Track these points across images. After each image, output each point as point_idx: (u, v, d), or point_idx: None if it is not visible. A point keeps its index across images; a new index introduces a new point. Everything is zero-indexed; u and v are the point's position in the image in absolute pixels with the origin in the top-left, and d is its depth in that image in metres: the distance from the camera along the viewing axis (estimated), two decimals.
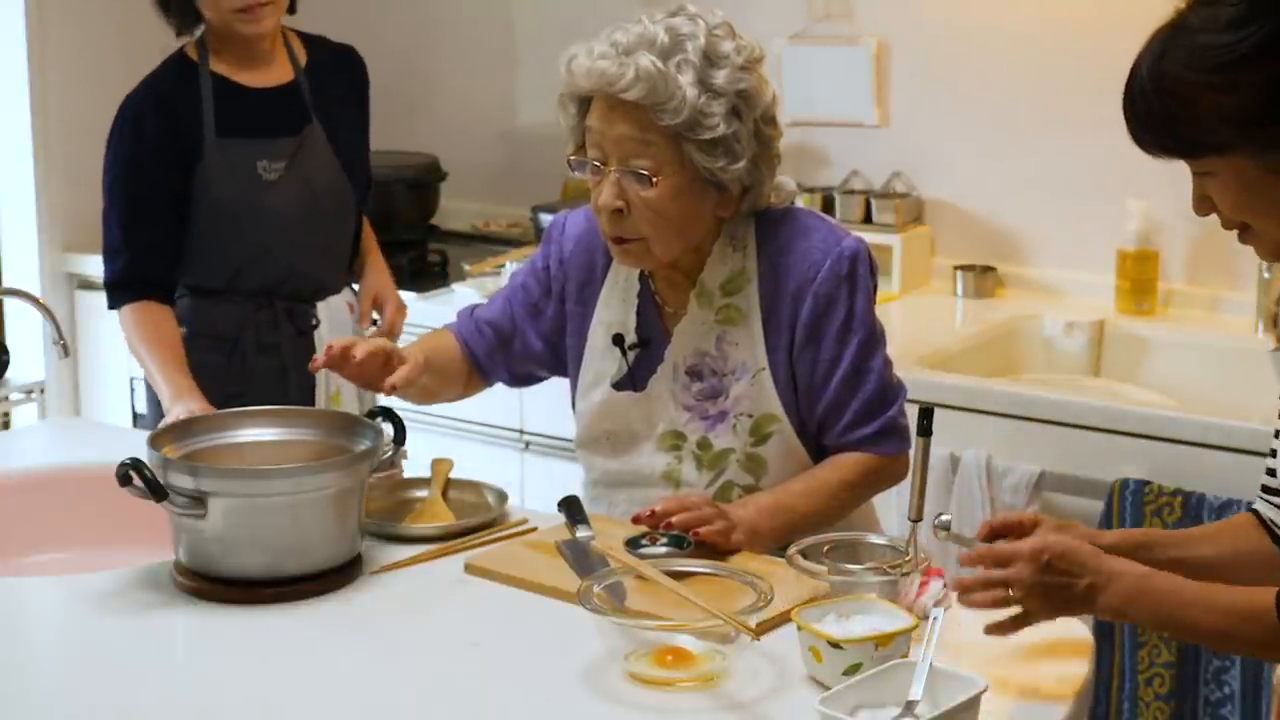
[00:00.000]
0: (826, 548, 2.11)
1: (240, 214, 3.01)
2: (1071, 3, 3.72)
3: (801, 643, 1.92)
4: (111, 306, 3.04)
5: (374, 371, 2.36)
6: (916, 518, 2.07)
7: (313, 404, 3.08)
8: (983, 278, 3.86)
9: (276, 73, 3.10)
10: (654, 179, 2.25)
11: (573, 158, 2.33)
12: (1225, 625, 1.83)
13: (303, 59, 3.14)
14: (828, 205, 3.94)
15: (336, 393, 3.15)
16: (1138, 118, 1.82)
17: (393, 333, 3.19)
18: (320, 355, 2.34)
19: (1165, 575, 1.87)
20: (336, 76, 3.17)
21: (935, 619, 1.86)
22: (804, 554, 2.11)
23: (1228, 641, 1.91)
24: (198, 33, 3.08)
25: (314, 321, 3.13)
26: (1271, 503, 2.02)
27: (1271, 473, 2.01)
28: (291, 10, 3.10)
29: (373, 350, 2.36)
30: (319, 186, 3.09)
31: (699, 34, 2.25)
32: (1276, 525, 2.02)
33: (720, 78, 2.24)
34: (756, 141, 2.28)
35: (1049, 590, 1.87)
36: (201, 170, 3.00)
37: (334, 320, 3.17)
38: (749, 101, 2.26)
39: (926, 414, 2.06)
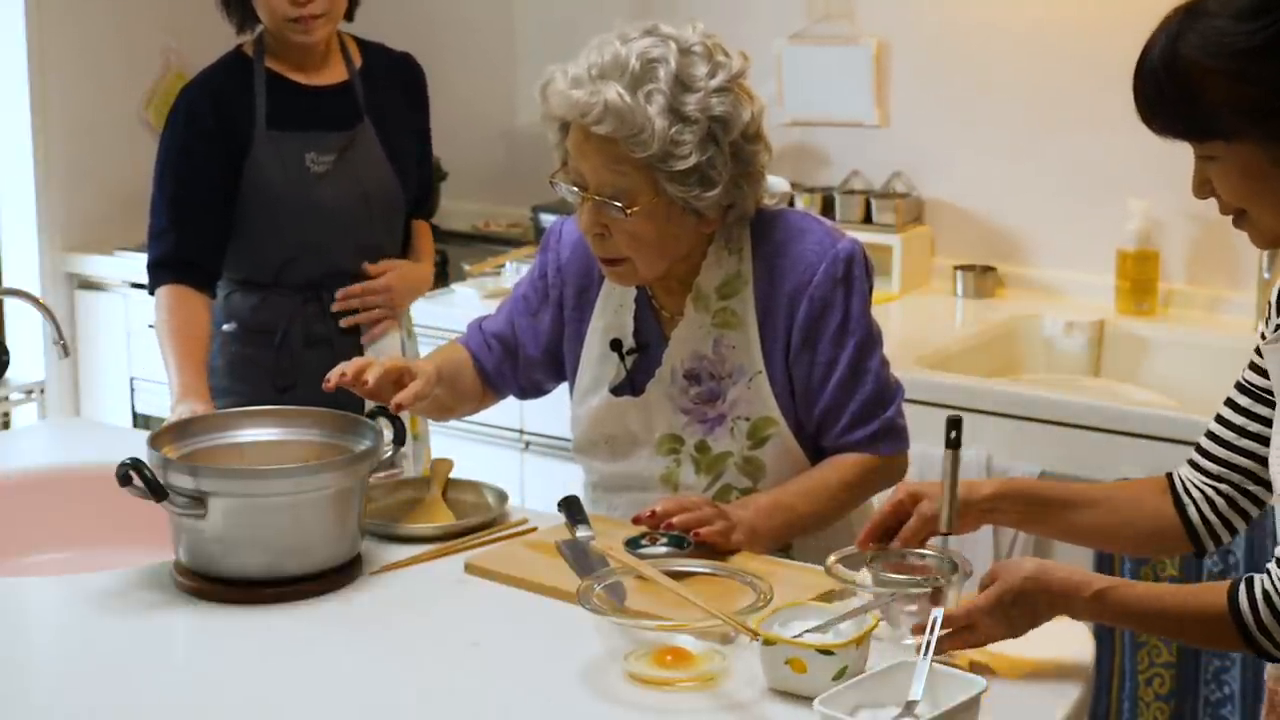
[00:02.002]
0: (870, 557, 2.06)
1: (288, 205, 3.04)
2: (1071, 2, 3.73)
3: (772, 659, 1.88)
4: (151, 288, 3.04)
5: (387, 390, 2.36)
6: (948, 531, 2.03)
7: (362, 399, 3.11)
8: (983, 278, 3.86)
9: (331, 73, 3.13)
10: (628, 210, 2.24)
11: (554, 179, 2.32)
12: (1182, 633, 1.94)
13: (358, 62, 3.17)
14: (828, 205, 3.94)
15: None
16: (1147, 97, 1.83)
17: (373, 290, 3.15)
18: (332, 377, 2.34)
19: (1120, 589, 1.91)
20: (391, 81, 3.20)
21: (936, 619, 1.86)
22: (844, 563, 2.06)
23: (1189, 642, 2.03)
24: (256, 31, 3.11)
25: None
26: (1198, 465, 2.06)
27: (1210, 434, 2.06)
28: (349, 18, 3.12)
29: (386, 370, 2.35)
30: (368, 184, 3.11)
31: (670, 58, 2.21)
32: (1189, 490, 2.06)
33: (692, 103, 2.20)
34: (735, 161, 2.25)
35: (1013, 623, 1.92)
36: (251, 161, 3.03)
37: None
38: (725, 125, 2.23)
39: (955, 425, 2.02)
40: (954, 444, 2.02)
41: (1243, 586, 1.84)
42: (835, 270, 2.31)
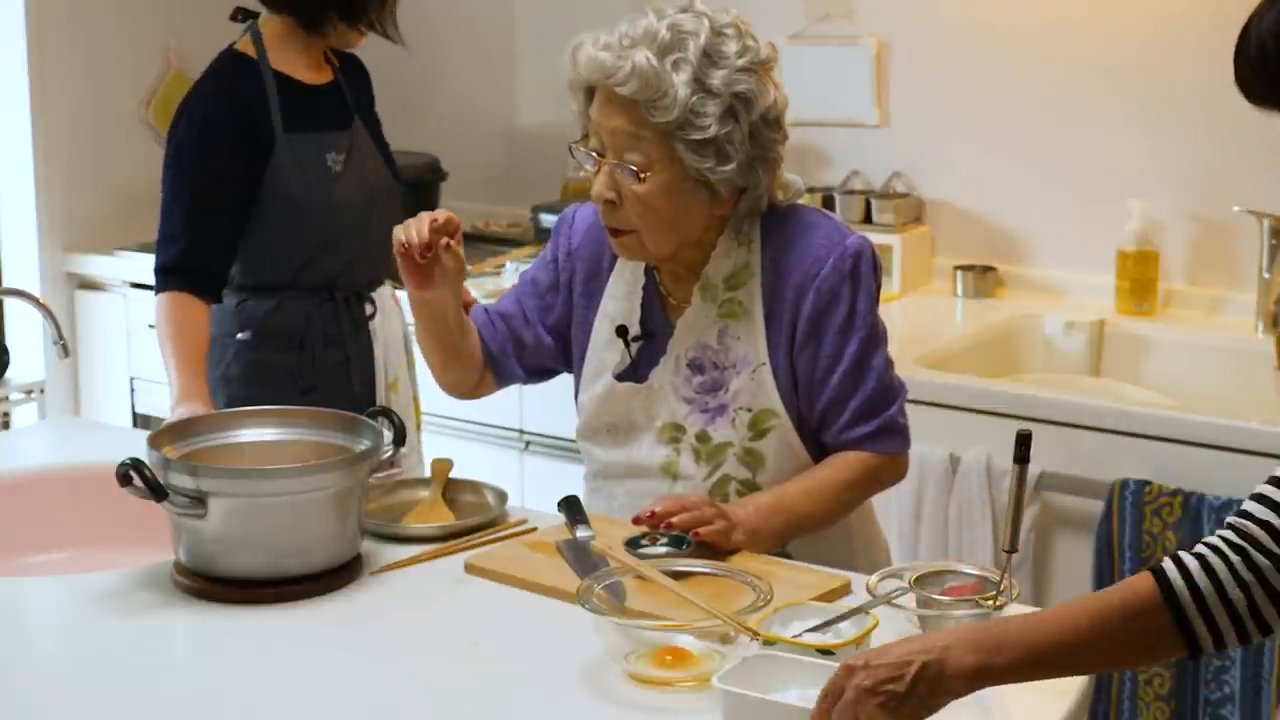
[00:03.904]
0: (914, 577, 2.03)
1: (309, 206, 3.04)
2: (1072, 3, 3.73)
3: None
4: (158, 291, 3.02)
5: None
6: (1010, 548, 1.97)
7: (374, 393, 3.12)
8: (983, 278, 3.86)
9: (323, 73, 3.14)
10: (643, 174, 2.26)
11: (574, 145, 2.34)
12: (1106, 630, 1.69)
13: (335, 64, 3.19)
14: (828, 205, 3.94)
15: (394, 381, 3.19)
16: (1265, 71, 1.74)
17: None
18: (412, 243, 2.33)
19: (1008, 617, 1.76)
20: (359, 80, 3.23)
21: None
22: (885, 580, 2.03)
23: (1116, 651, 1.73)
24: (249, 29, 3.10)
25: (370, 312, 3.15)
26: None
27: None
28: None
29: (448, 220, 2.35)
30: (373, 181, 3.14)
31: (701, 32, 2.26)
32: None
33: (717, 78, 2.24)
34: (753, 143, 2.28)
35: (886, 701, 1.66)
36: (274, 164, 3.02)
37: (384, 309, 3.19)
38: (747, 103, 2.26)
39: (1024, 442, 1.97)
40: (1022, 459, 1.96)
41: (1169, 561, 1.69)
42: (843, 265, 2.32)
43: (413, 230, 2.34)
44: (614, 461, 2.44)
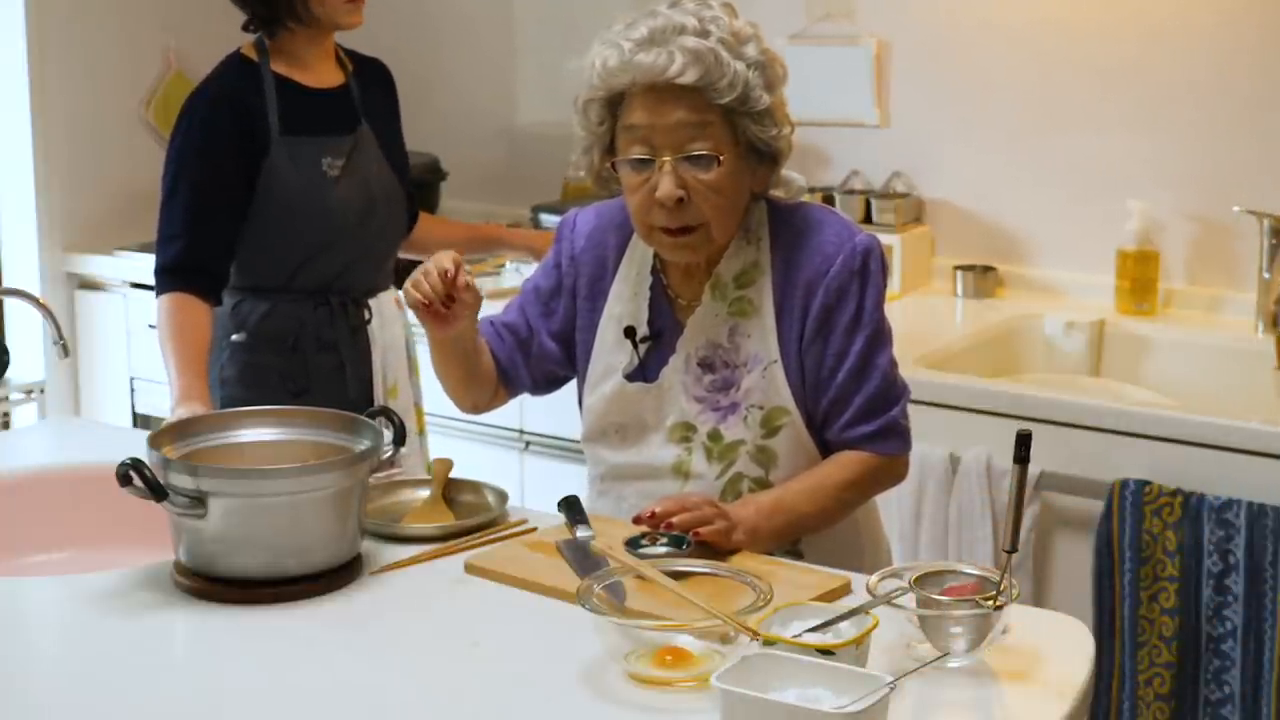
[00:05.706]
0: (914, 577, 2.02)
1: (305, 209, 3.05)
2: (1071, 2, 3.73)
3: None
4: (160, 292, 3.03)
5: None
6: (1010, 548, 1.97)
7: (371, 398, 3.12)
8: (983, 278, 3.86)
9: (330, 76, 3.14)
10: (719, 158, 2.27)
11: (616, 162, 2.31)
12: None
13: (349, 66, 3.18)
14: (828, 205, 3.94)
15: (394, 386, 3.20)
16: None
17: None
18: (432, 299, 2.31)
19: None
20: (376, 85, 3.23)
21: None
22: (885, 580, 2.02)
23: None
24: (255, 33, 3.11)
25: (367, 317, 3.15)
26: None
27: None
28: None
29: (456, 261, 2.33)
30: (375, 186, 3.14)
31: (721, 15, 2.29)
32: None
33: (751, 50, 2.28)
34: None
35: None
36: (268, 167, 3.03)
37: (384, 315, 3.19)
38: (776, 71, 2.31)
39: (1024, 442, 1.97)
40: (1022, 459, 1.97)
41: None
42: (852, 262, 2.33)
43: (425, 286, 2.31)
44: (623, 463, 2.44)
